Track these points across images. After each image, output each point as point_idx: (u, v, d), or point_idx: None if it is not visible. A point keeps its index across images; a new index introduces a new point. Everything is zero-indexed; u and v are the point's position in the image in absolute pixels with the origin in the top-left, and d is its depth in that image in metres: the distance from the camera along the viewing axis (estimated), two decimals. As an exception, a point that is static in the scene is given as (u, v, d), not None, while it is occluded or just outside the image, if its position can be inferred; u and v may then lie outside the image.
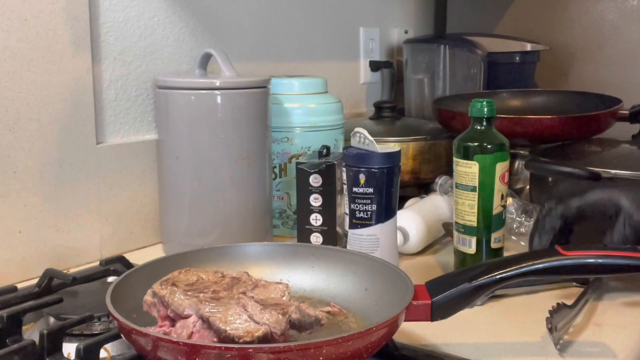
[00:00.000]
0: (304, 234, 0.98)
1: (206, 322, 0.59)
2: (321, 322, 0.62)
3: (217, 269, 0.69)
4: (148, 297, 0.63)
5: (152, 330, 0.59)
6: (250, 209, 1.00)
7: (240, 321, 0.59)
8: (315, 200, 0.97)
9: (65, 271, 0.85)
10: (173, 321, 0.62)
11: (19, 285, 0.81)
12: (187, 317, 0.61)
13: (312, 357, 0.53)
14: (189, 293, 0.62)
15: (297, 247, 0.80)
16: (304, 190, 0.97)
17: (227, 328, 0.58)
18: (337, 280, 0.68)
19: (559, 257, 0.64)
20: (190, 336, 0.59)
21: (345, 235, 0.88)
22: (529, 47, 1.56)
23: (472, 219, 0.88)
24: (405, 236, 1.00)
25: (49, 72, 0.91)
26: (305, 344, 0.54)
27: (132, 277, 0.68)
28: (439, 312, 0.63)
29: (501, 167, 0.88)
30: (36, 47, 0.89)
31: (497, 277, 0.63)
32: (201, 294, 0.62)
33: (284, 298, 0.65)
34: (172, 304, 0.61)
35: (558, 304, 0.73)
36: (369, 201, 0.83)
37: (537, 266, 0.63)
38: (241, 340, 0.57)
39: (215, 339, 0.58)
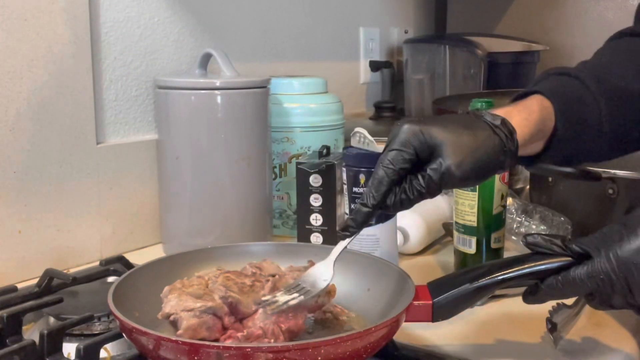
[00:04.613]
0: (304, 234, 0.98)
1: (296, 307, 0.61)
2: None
3: (219, 268, 0.69)
4: (193, 321, 0.59)
5: (229, 343, 0.59)
6: (250, 209, 1.00)
7: None
8: (315, 200, 0.97)
9: (65, 271, 0.85)
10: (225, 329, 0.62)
11: (19, 285, 0.81)
12: (252, 314, 0.62)
13: (311, 357, 0.53)
14: (245, 291, 0.64)
15: (298, 247, 0.80)
16: (304, 190, 0.97)
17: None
18: (338, 280, 0.68)
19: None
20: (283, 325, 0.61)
21: (346, 235, 0.88)
22: (529, 47, 1.56)
23: (472, 219, 0.88)
24: (405, 236, 1.00)
25: (49, 72, 0.91)
26: (304, 344, 0.54)
27: (134, 277, 0.68)
28: (440, 312, 0.63)
29: (501, 167, 0.88)
30: (36, 47, 0.89)
31: (499, 278, 0.63)
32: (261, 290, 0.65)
33: None
34: (241, 305, 0.62)
35: (558, 304, 0.73)
36: (369, 201, 0.83)
37: (538, 267, 0.63)
38: None
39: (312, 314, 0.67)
